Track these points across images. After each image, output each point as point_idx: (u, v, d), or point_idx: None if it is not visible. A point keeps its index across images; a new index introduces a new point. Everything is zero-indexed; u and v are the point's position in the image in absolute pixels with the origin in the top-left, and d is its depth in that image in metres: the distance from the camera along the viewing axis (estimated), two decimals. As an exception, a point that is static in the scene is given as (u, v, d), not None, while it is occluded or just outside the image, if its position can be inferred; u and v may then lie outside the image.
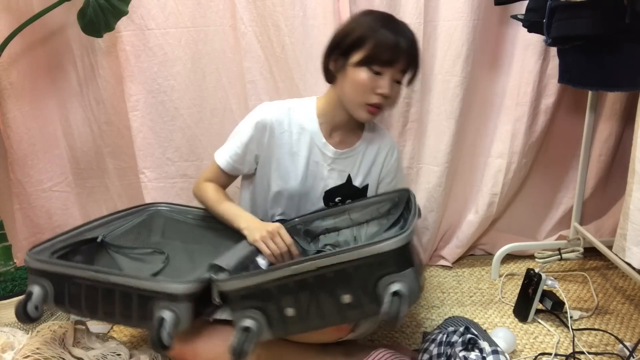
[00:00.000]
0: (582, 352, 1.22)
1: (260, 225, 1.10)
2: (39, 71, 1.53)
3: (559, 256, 1.50)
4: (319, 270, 0.82)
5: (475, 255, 1.81)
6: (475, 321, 1.24)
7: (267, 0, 1.42)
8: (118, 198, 1.67)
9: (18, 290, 1.39)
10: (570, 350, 1.23)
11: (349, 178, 1.25)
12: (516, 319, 1.39)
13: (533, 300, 1.34)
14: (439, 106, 1.56)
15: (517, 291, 1.42)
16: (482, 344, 1.00)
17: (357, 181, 1.26)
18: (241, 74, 1.50)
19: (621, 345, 1.21)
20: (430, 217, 1.66)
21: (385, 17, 1.15)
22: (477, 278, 1.64)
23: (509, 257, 1.71)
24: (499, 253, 1.63)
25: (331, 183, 1.24)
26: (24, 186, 1.60)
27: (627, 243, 1.07)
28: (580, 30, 1.14)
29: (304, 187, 1.22)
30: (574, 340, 1.27)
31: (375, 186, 1.29)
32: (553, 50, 1.47)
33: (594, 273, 1.63)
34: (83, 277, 0.93)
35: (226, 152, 1.22)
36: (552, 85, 1.55)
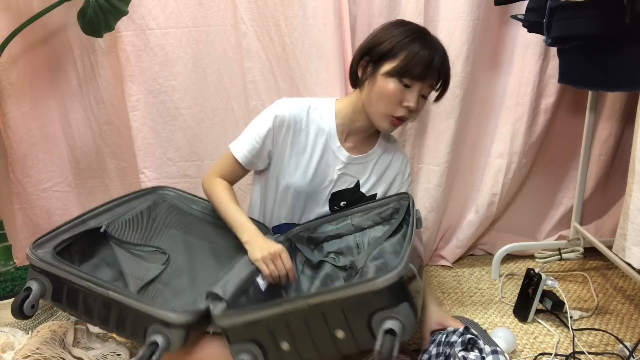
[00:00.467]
0: (582, 352, 1.22)
1: (263, 244, 1.08)
2: (39, 71, 1.53)
3: (559, 256, 1.50)
4: (312, 307, 0.82)
5: (475, 255, 1.81)
6: (475, 321, 1.24)
7: (269, 0, 1.42)
8: (118, 198, 1.67)
9: (18, 290, 1.39)
10: (570, 350, 1.23)
11: (358, 184, 1.25)
12: (516, 319, 1.39)
13: (533, 300, 1.34)
14: (439, 106, 1.55)
15: (517, 291, 1.42)
16: (482, 344, 1.00)
17: (365, 188, 1.26)
18: (242, 74, 1.50)
19: (621, 345, 1.21)
20: (430, 217, 1.66)
21: (420, 31, 1.14)
22: (477, 278, 1.64)
23: (509, 257, 1.71)
24: (499, 253, 1.63)
25: (339, 187, 1.24)
26: (24, 186, 1.60)
27: (627, 243, 1.07)
28: (580, 30, 1.14)
29: (311, 187, 1.22)
30: (574, 340, 1.27)
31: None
32: (553, 50, 1.47)
33: (594, 273, 1.63)
34: (82, 286, 0.93)
35: (244, 145, 1.19)
36: (552, 85, 1.55)
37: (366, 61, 1.15)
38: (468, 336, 1.01)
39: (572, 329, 1.31)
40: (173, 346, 0.88)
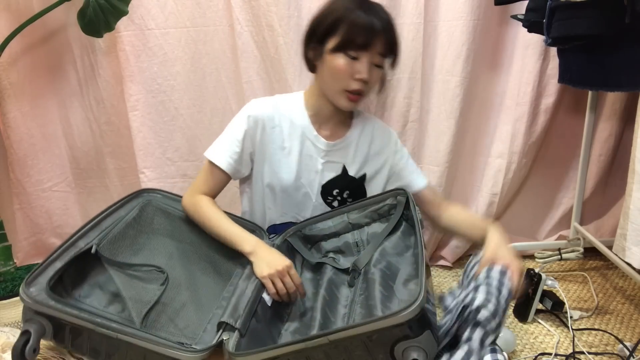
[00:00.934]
0: (582, 352, 1.22)
1: (270, 258, 1.05)
2: (39, 71, 1.53)
3: (559, 256, 1.50)
4: (333, 342, 0.81)
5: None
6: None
7: (262, 0, 1.42)
8: (118, 198, 1.65)
9: (18, 290, 1.39)
10: (570, 350, 1.23)
11: (344, 169, 1.23)
12: (516, 319, 1.39)
13: (533, 300, 1.34)
14: (439, 106, 1.56)
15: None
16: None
17: (353, 171, 1.24)
18: (240, 74, 1.50)
19: (621, 345, 1.21)
20: (430, 217, 1.66)
21: (357, 1, 1.11)
22: (477, 278, 1.64)
23: (509, 257, 1.71)
24: (499, 253, 1.62)
25: (327, 176, 1.22)
26: (24, 186, 1.60)
27: (627, 243, 1.07)
28: (580, 30, 1.14)
29: (298, 181, 1.21)
30: (574, 340, 1.27)
31: (385, 177, 1.27)
32: (553, 50, 1.47)
33: (594, 273, 1.63)
34: (87, 328, 0.89)
35: (224, 152, 1.18)
36: (552, 85, 1.55)
37: (314, 43, 1.14)
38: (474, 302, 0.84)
39: (572, 329, 1.31)
40: None
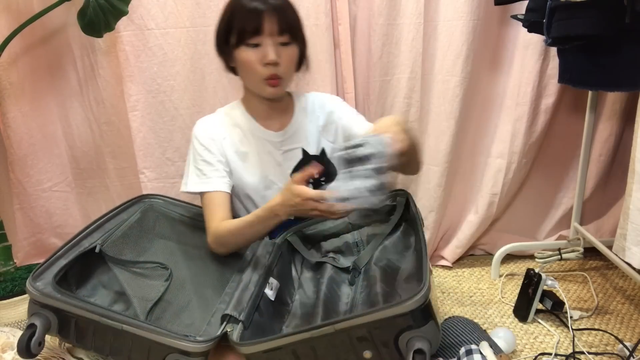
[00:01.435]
0: (582, 352, 1.22)
1: (288, 207, 0.98)
2: (39, 71, 1.53)
3: (559, 256, 1.50)
4: (339, 332, 0.81)
5: (475, 255, 1.80)
6: (475, 321, 1.24)
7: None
8: (118, 198, 1.67)
9: (18, 290, 1.39)
10: (570, 350, 1.23)
11: (304, 151, 1.24)
12: (516, 319, 1.39)
13: (533, 300, 1.34)
14: (439, 106, 1.56)
15: (517, 291, 1.42)
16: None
17: (312, 150, 1.25)
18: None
19: (621, 345, 1.21)
20: (430, 217, 1.66)
21: None
22: (477, 278, 1.64)
23: (509, 257, 1.71)
24: (499, 253, 1.63)
25: (291, 165, 1.23)
26: (24, 186, 1.60)
27: (627, 243, 1.07)
28: (580, 30, 1.14)
29: (267, 181, 1.21)
30: (574, 340, 1.27)
31: (341, 135, 1.26)
32: (553, 50, 1.47)
33: (594, 273, 1.63)
34: (93, 320, 0.89)
35: (207, 175, 1.16)
36: (552, 85, 1.55)
37: (222, 47, 1.17)
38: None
39: (572, 329, 1.31)
40: None
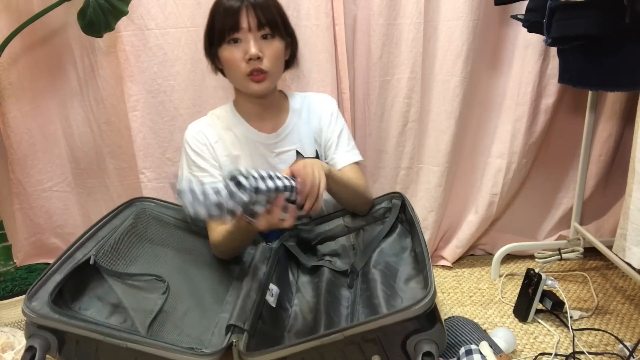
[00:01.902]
0: (582, 352, 1.22)
1: None
2: (39, 71, 1.53)
3: (559, 256, 1.50)
4: (349, 338, 0.82)
5: (475, 255, 1.80)
6: (475, 321, 1.24)
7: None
8: (118, 198, 1.67)
9: (18, 290, 1.39)
10: (570, 350, 1.23)
11: (298, 153, 1.24)
12: (516, 319, 1.39)
13: (533, 300, 1.34)
14: (439, 106, 1.56)
15: (517, 291, 1.42)
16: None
17: (307, 152, 1.24)
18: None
19: (621, 345, 1.21)
20: (430, 217, 1.66)
21: None
22: (477, 278, 1.64)
23: (509, 257, 1.71)
24: (499, 253, 1.63)
25: (285, 167, 1.22)
26: (24, 186, 1.60)
27: (627, 243, 1.07)
28: (580, 30, 1.14)
29: None
30: (574, 340, 1.27)
31: (323, 149, 1.26)
32: (553, 50, 1.47)
33: (594, 273, 1.63)
34: (95, 339, 0.88)
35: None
36: (552, 85, 1.55)
37: (208, 51, 1.18)
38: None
39: (572, 329, 1.31)
40: None
